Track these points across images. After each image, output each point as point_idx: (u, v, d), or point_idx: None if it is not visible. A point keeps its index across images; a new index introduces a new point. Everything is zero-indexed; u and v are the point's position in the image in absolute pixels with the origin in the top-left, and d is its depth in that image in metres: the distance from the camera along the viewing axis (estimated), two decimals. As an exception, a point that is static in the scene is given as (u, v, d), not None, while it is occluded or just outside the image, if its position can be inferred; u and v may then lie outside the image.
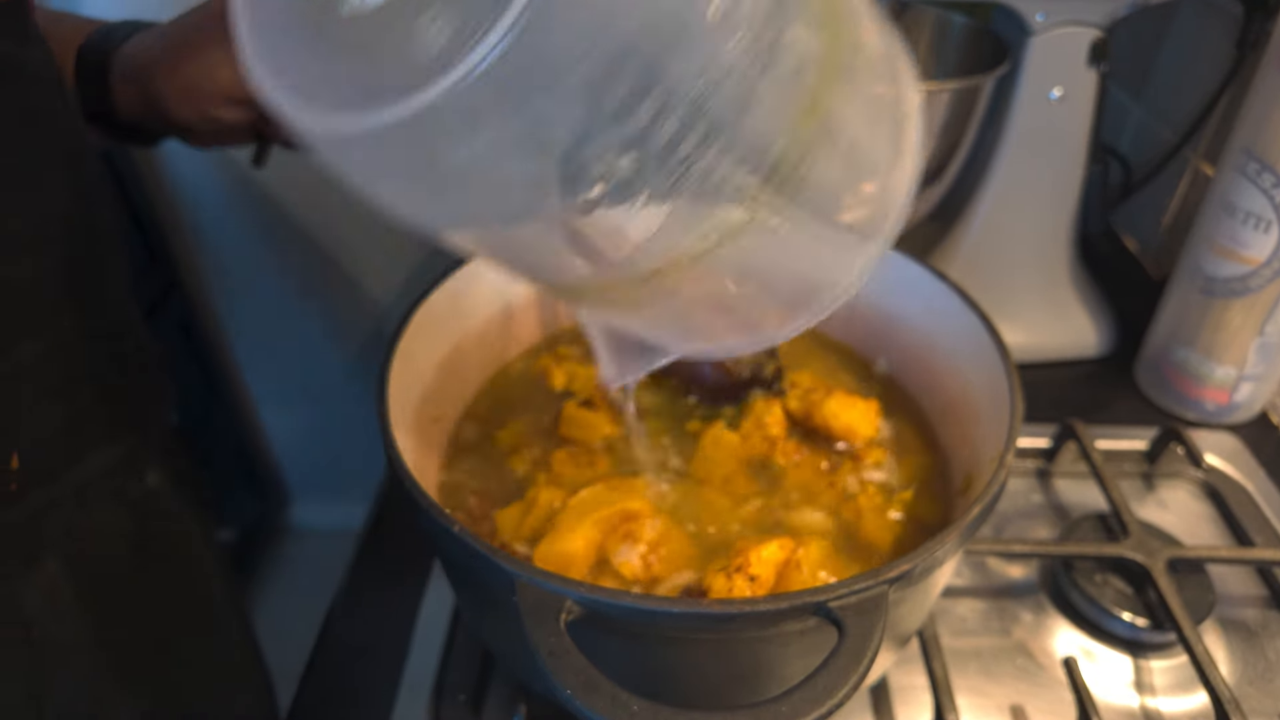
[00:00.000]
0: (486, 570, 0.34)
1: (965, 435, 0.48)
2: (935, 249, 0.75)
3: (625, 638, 0.35)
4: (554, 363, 0.55)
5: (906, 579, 0.34)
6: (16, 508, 0.41)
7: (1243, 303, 0.63)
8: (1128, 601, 0.53)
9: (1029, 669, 0.52)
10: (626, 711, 0.29)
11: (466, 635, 0.52)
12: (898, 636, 0.43)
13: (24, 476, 0.40)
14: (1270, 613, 0.55)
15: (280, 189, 1.35)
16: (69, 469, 0.43)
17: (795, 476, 0.49)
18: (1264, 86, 0.58)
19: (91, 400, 0.44)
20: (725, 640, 0.35)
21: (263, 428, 1.70)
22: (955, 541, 0.36)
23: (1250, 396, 0.68)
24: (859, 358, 0.57)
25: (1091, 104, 0.66)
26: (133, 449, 0.48)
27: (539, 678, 0.38)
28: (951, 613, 0.55)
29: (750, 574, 0.40)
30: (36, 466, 0.41)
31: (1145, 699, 0.50)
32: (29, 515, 0.41)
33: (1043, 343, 0.75)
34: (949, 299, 0.49)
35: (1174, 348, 0.69)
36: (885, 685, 0.50)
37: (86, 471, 0.45)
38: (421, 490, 0.37)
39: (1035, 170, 0.69)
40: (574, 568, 0.42)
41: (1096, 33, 0.63)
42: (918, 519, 0.47)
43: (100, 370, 0.45)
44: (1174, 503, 0.63)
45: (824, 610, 0.32)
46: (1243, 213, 0.60)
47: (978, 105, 0.65)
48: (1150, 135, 0.88)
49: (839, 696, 0.30)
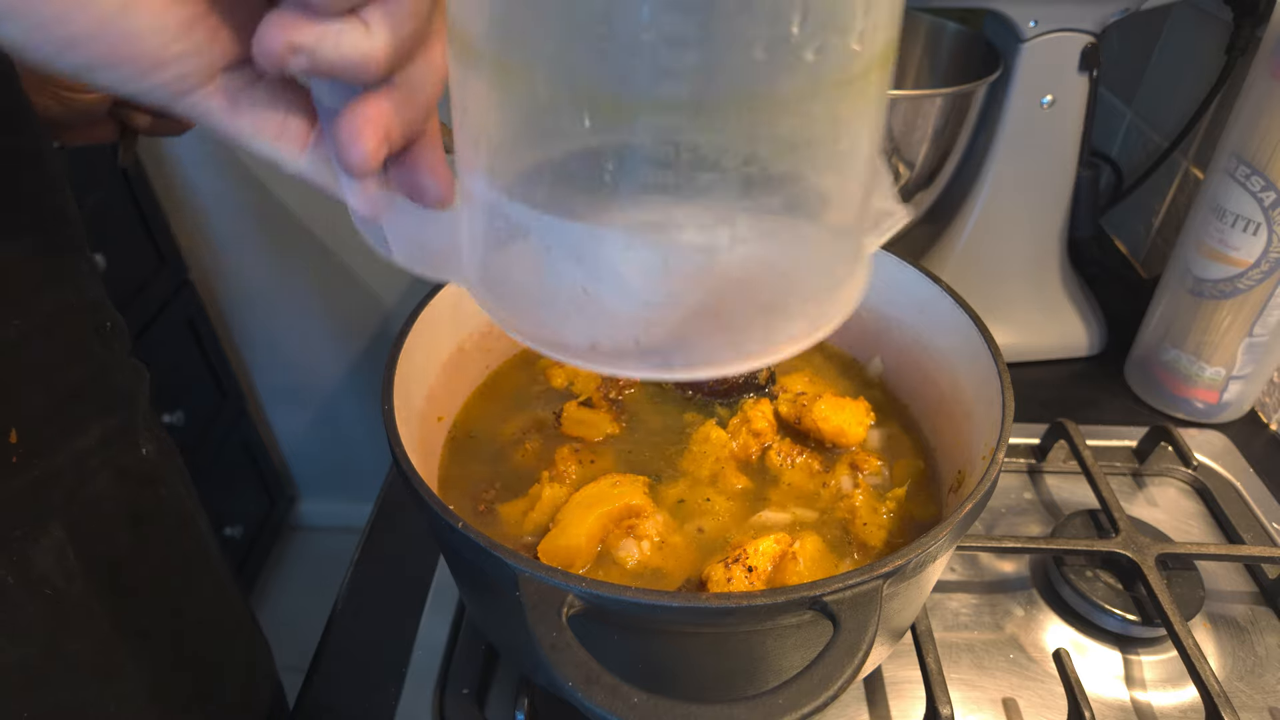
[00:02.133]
0: (490, 565, 0.35)
1: (957, 434, 0.48)
2: (928, 251, 0.76)
3: (626, 631, 0.36)
4: (555, 362, 0.56)
5: (900, 574, 0.35)
6: (19, 478, 0.42)
7: (1232, 303, 0.64)
8: (1118, 597, 0.54)
9: (1021, 662, 0.53)
10: (627, 704, 0.30)
11: (470, 630, 0.53)
12: (892, 630, 0.43)
13: (24, 449, 0.42)
14: (1259, 609, 0.56)
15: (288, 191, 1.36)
16: (67, 441, 0.45)
17: (790, 476, 0.50)
18: (1253, 92, 0.59)
19: (82, 374, 0.46)
20: (723, 634, 0.36)
21: (269, 426, 1.71)
22: (948, 538, 0.36)
23: (1239, 396, 0.69)
24: (853, 359, 0.58)
25: (1083, 109, 0.67)
26: (128, 420, 0.50)
27: (541, 671, 0.39)
28: (945, 607, 0.55)
29: (748, 565, 0.41)
30: (35, 439, 0.42)
31: (1135, 693, 0.51)
32: (31, 484, 0.43)
33: (1034, 343, 0.76)
34: (942, 300, 0.50)
35: (1164, 348, 0.70)
36: (879, 678, 0.51)
37: (86, 441, 0.46)
38: (426, 487, 0.37)
39: (1027, 174, 0.70)
40: (577, 562, 0.43)
41: (1088, 39, 0.64)
42: (911, 516, 0.48)
43: (87, 344, 0.46)
44: (1164, 500, 0.64)
45: (820, 604, 0.32)
46: (1232, 215, 0.61)
47: (970, 110, 0.66)
48: (1141, 139, 0.89)
49: (834, 689, 0.30)
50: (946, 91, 0.64)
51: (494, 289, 0.31)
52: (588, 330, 0.29)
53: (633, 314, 0.28)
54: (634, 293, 0.27)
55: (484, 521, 0.47)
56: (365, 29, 0.25)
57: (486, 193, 0.28)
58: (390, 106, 0.27)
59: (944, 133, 0.66)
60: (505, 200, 0.28)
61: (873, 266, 0.34)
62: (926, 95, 0.64)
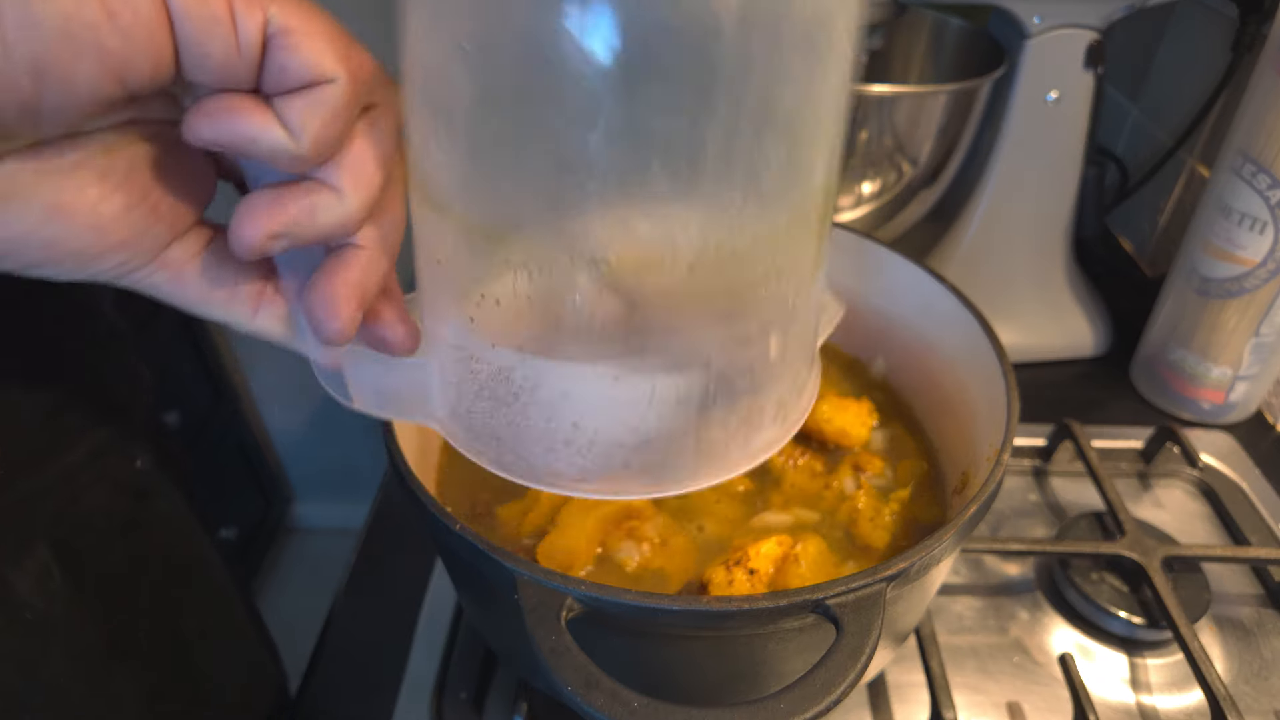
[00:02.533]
0: (488, 568, 0.34)
1: (962, 435, 0.48)
2: (932, 250, 0.75)
3: (626, 635, 0.36)
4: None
5: (904, 577, 0.34)
6: (3, 496, 0.41)
7: (1238, 303, 0.63)
8: (1124, 600, 0.54)
9: (1026, 666, 0.52)
10: (627, 709, 0.29)
11: (468, 633, 0.53)
12: (895, 634, 0.43)
13: (8, 466, 0.41)
14: (1266, 611, 0.55)
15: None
16: (55, 455, 0.44)
17: (792, 478, 0.49)
18: (1259, 89, 0.59)
19: (70, 385, 0.44)
20: (724, 637, 0.35)
21: (265, 427, 1.71)
22: (952, 540, 0.36)
23: (1245, 396, 0.68)
24: (855, 360, 0.57)
25: (1088, 106, 0.67)
26: (121, 431, 0.48)
27: (540, 675, 0.38)
28: (949, 610, 0.55)
29: (750, 567, 0.40)
30: (20, 455, 0.41)
31: (1141, 696, 0.51)
32: (16, 501, 0.41)
33: (1039, 343, 0.76)
34: (946, 299, 0.49)
35: (1170, 348, 0.69)
36: (883, 682, 0.51)
37: (74, 456, 0.45)
38: (423, 488, 0.37)
39: (1032, 172, 0.69)
40: (576, 565, 0.42)
41: (1093, 35, 0.63)
42: (914, 518, 0.47)
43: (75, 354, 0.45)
44: (1170, 502, 0.63)
45: (822, 608, 0.32)
46: (1238, 214, 0.61)
47: (975, 107, 0.66)
48: (1146, 137, 0.89)
49: (837, 693, 0.30)
50: (950, 88, 0.63)
51: (472, 429, 0.31)
52: (578, 461, 0.30)
53: (623, 442, 0.29)
54: (623, 423, 0.29)
55: (482, 523, 0.46)
56: (337, 196, 0.25)
57: (464, 338, 0.29)
58: (360, 269, 0.27)
59: (948, 130, 0.65)
60: (486, 346, 0.28)
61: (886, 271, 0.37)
62: (930, 92, 0.64)
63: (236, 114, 0.23)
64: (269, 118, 0.23)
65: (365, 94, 0.25)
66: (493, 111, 0.25)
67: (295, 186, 0.25)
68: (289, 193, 0.24)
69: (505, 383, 0.29)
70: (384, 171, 0.26)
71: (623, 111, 0.23)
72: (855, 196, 0.69)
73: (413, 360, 0.31)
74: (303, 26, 0.22)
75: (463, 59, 0.24)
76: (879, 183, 0.68)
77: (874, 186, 0.69)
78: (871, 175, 0.68)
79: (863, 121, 0.64)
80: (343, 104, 0.23)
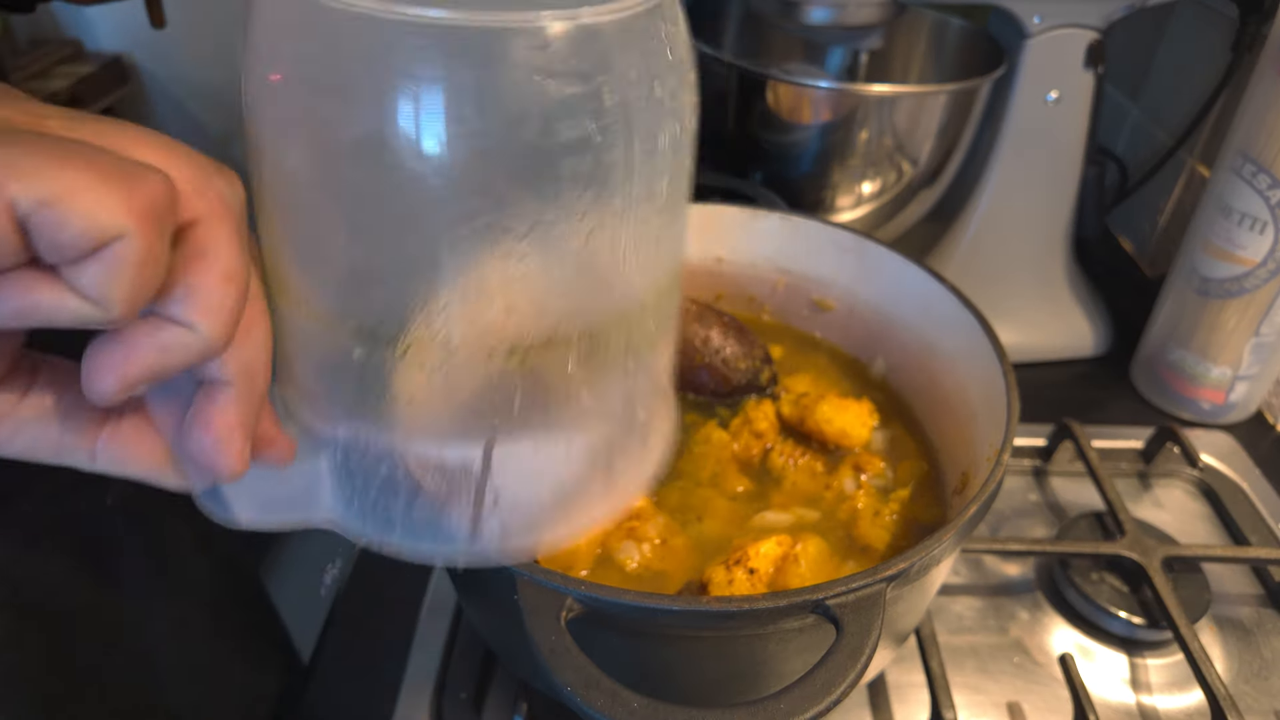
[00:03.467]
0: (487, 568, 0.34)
1: (961, 435, 0.48)
2: (932, 250, 0.75)
3: (626, 635, 0.36)
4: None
5: (904, 577, 0.34)
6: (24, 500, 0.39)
7: (1238, 303, 0.63)
8: (1124, 600, 0.54)
9: (1026, 666, 0.52)
10: (627, 709, 0.29)
11: (468, 633, 0.53)
12: (895, 634, 0.43)
13: None
14: (1266, 611, 0.55)
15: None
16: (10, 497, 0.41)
17: (793, 478, 0.49)
18: (1259, 89, 0.59)
19: None
20: (724, 637, 0.35)
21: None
22: (952, 540, 0.36)
23: (1246, 396, 0.68)
24: (855, 360, 0.57)
25: (1088, 106, 0.67)
26: None
27: (540, 675, 0.38)
28: (949, 610, 0.55)
29: (750, 567, 0.40)
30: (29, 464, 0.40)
31: (1141, 697, 0.51)
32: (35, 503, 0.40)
33: (1039, 342, 0.75)
34: (946, 299, 0.49)
35: (1170, 348, 0.69)
36: (883, 682, 0.51)
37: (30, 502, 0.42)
38: (424, 489, 0.37)
39: (1032, 171, 0.69)
40: (576, 565, 0.42)
41: (1093, 35, 0.63)
42: (914, 518, 0.47)
43: None
44: (1170, 502, 0.63)
45: (822, 608, 0.32)
46: (1238, 214, 0.61)
47: (975, 107, 0.66)
48: (1146, 137, 0.89)
49: (837, 693, 0.30)
50: (950, 88, 0.63)
51: (367, 518, 0.32)
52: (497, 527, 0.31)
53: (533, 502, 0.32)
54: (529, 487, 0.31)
55: (482, 523, 0.46)
56: (187, 329, 0.22)
57: (354, 434, 0.29)
58: (237, 408, 0.25)
59: (948, 129, 0.65)
60: (375, 432, 0.29)
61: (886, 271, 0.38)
62: (930, 91, 0.64)
63: (23, 292, 0.20)
64: (58, 290, 0.20)
65: (171, 223, 0.21)
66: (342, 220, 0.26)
67: (141, 326, 0.22)
68: (136, 334, 0.22)
69: (395, 465, 0.29)
70: (234, 286, 0.23)
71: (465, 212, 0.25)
72: (855, 196, 0.69)
73: (298, 465, 0.30)
74: (62, 190, 0.19)
75: (307, 172, 0.25)
76: (879, 183, 0.68)
77: (874, 186, 0.69)
78: (871, 175, 0.68)
79: (863, 121, 0.64)
80: (143, 255, 0.20)
